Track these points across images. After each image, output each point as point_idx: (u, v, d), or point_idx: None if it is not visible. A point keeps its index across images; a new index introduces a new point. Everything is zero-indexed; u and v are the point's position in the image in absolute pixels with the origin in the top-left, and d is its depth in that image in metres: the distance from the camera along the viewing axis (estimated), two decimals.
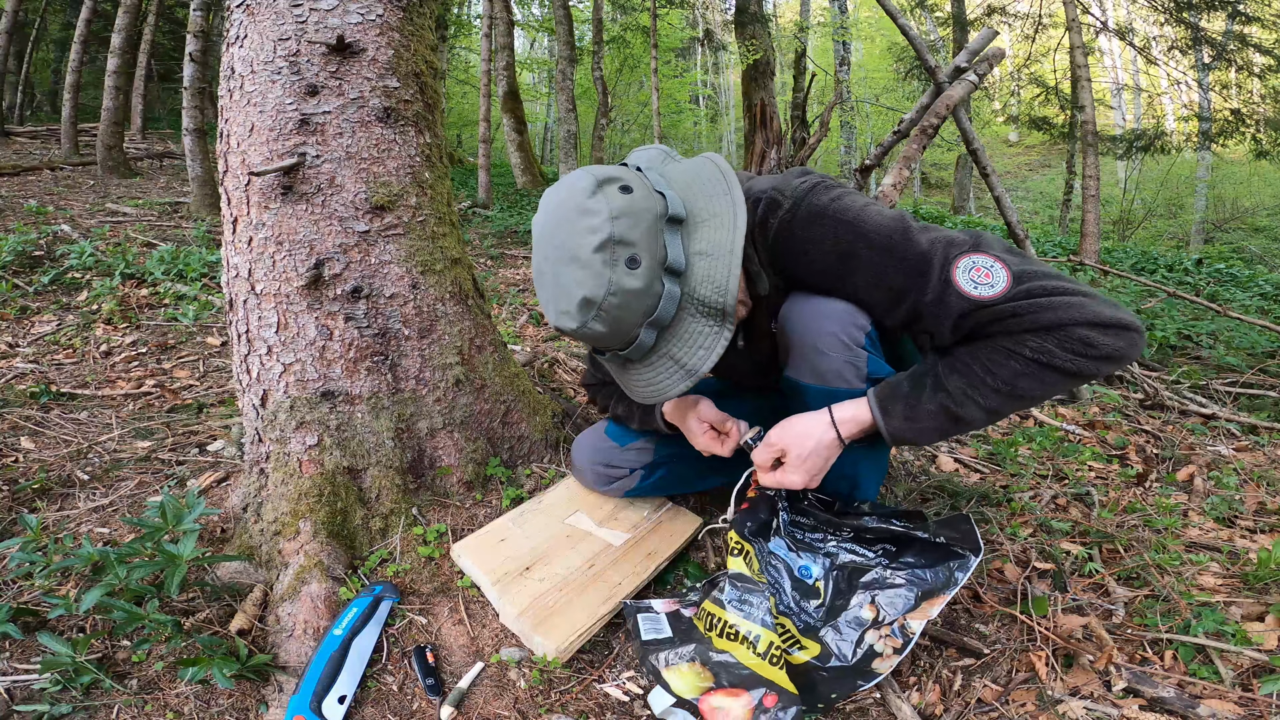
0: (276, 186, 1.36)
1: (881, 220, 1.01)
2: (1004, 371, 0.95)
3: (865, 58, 21.47)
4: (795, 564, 1.23)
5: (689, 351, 0.99)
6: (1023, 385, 0.95)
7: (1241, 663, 1.16)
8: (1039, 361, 0.93)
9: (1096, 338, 0.91)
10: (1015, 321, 0.93)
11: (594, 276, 0.92)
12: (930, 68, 2.54)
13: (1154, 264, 6.63)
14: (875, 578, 1.18)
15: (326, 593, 1.22)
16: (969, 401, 0.99)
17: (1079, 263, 5.69)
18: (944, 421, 1.01)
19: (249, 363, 1.43)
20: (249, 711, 1.06)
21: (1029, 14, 10.95)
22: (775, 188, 1.07)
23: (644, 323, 0.97)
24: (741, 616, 1.13)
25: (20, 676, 1.06)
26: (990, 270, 0.95)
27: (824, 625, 1.17)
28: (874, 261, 1.01)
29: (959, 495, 1.73)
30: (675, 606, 1.27)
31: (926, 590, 1.14)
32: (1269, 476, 1.94)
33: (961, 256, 0.96)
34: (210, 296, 3.24)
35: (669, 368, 1.00)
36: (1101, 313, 0.91)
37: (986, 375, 0.96)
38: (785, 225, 1.05)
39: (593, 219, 0.92)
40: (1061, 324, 0.91)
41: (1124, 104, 18.94)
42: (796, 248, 1.06)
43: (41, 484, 1.58)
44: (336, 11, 1.37)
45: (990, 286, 0.94)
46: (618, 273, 0.92)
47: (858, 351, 1.08)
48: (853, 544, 1.23)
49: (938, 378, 1.01)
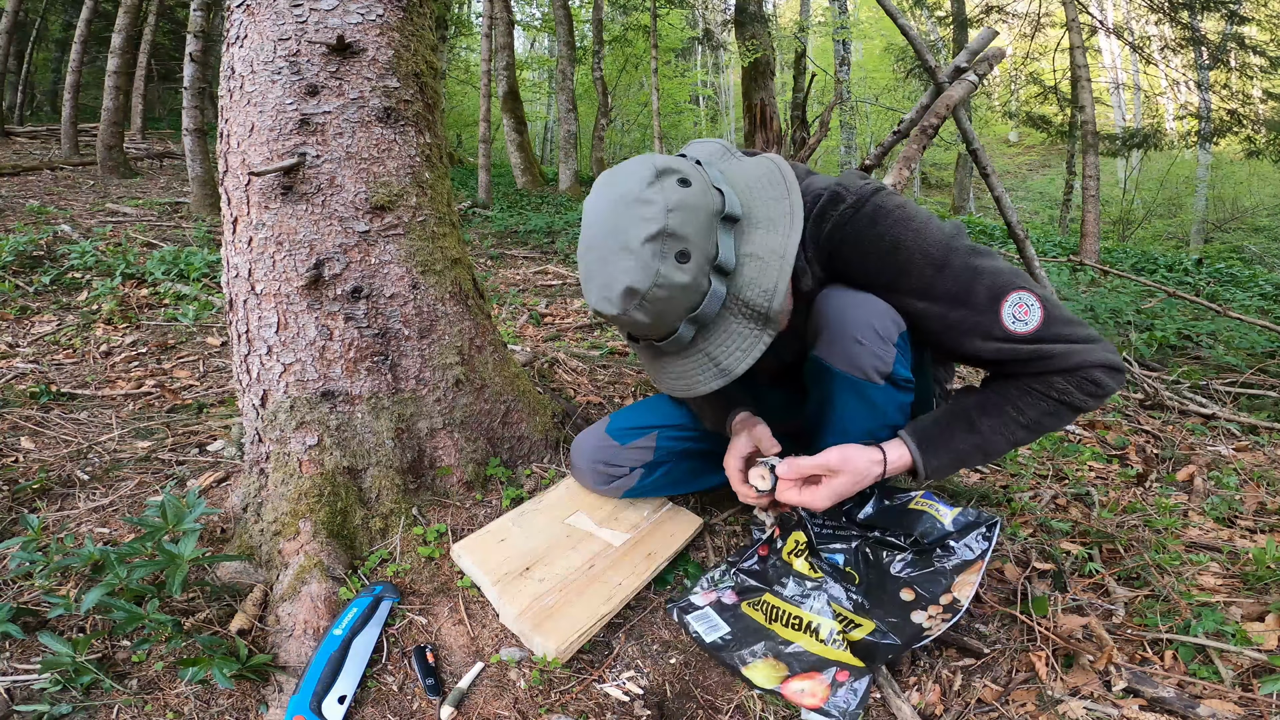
0: (276, 186, 1.36)
1: (941, 235, 1.05)
2: (1033, 412, 1.05)
3: (865, 58, 21.46)
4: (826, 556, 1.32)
5: (726, 351, 0.99)
6: (1047, 422, 1.06)
7: (1241, 663, 1.16)
8: (1062, 401, 1.03)
9: (1104, 379, 1.03)
10: (1045, 363, 1.03)
11: (641, 267, 0.91)
12: (930, 68, 2.54)
13: (1154, 264, 6.63)
14: (905, 561, 1.25)
15: (326, 593, 1.22)
16: (997, 437, 1.08)
17: (1079, 263, 5.69)
18: (973, 458, 1.11)
19: (249, 363, 1.43)
20: (249, 711, 1.06)
21: (1028, 13, 10.95)
22: (840, 184, 1.09)
23: (685, 317, 0.96)
24: (805, 609, 1.25)
25: (20, 676, 1.06)
26: (1030, 308, 1.03)
27: (869, 603, 1.23)
28: (926, 272, 1.04)
29: (959, 495, 1.73)
30: (715, 596, 1.33)
31: (957, 565, 1.20)
32: (1269, 476, 1.94)
33: (1012, 291, 1.03)
34: (210, 296, 3.24)
35: (703, 364, 1.00)
36: (1109, 358, 1.03)
37: (1018, 415, 1.06)
38: (846, 220, 1.07)
39: (648, 209, 0.92)
40: (1082, 366, 1.02)
41: (1123, 103, 18.94)
42: (851, 243, 1.07)
43: (41, 484, 1.58)
44: (336, 11, 1.36)
45: (1025, 323, 1.02)
46: (666, 265, 0.91)
47: (889, 348, 1.09)
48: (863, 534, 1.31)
49: (970, 421, 1.08)
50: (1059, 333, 1.03)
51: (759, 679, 1.16)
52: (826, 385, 1.15)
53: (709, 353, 1.00)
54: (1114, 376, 1.03)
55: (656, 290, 0.92)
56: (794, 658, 1.18)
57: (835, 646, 1.18)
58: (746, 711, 1.12)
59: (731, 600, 1.32)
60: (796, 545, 1.33)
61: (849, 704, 1.09)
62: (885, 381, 1.11)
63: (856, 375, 1.10)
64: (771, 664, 1.18)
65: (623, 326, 1.01)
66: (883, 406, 1.14)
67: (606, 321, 1.04)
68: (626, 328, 1.01)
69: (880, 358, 1.09)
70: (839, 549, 1.30)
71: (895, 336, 1.09)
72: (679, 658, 1.23)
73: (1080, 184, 7.00)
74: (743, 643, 1.22)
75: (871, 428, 1.17)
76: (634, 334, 1.04)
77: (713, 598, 1.33)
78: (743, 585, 1.35)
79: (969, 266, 1.03)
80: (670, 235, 0.91)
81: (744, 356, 0.98)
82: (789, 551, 1.33)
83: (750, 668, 1.18)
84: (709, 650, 1.23)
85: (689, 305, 0.95)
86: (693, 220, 0.93)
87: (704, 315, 0.96)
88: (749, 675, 1.17)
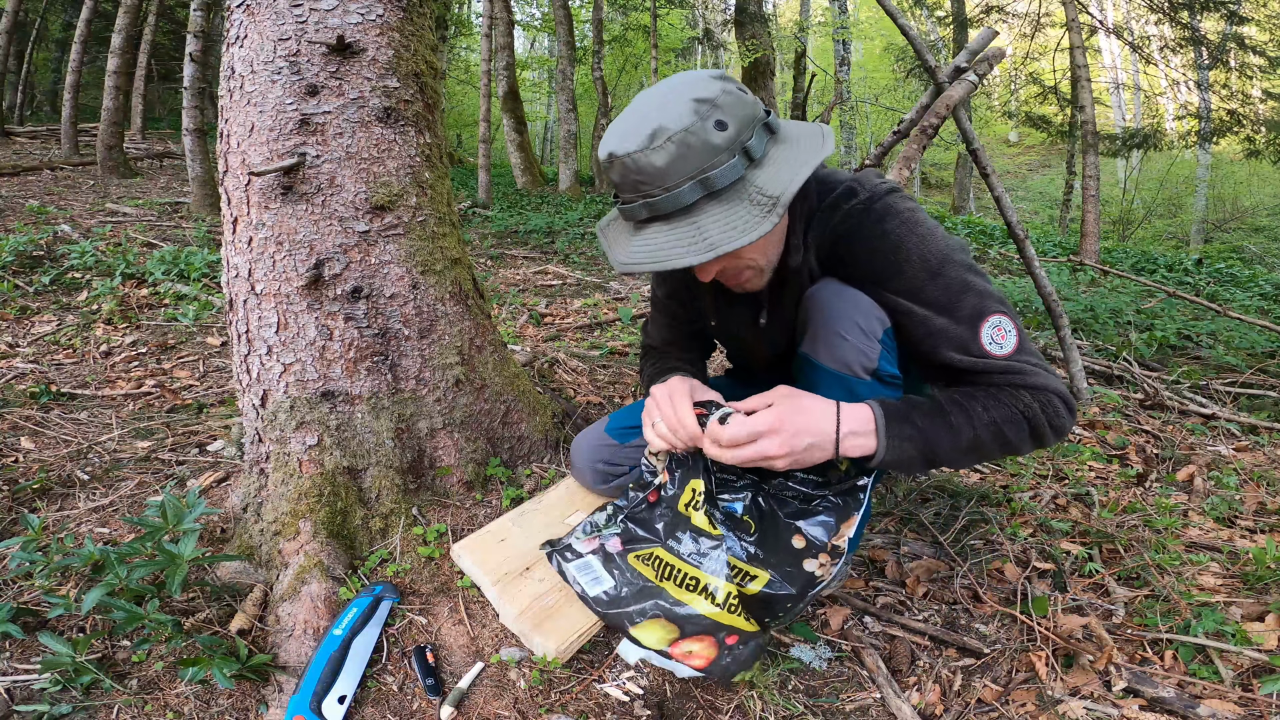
0: (276, 186, 1.36)
1: (943, 245, 1.06)
2: (997, 412, 1.04)
3: (865, 58, 21.46)
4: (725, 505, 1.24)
5: (720, 227, 0.95)
6: (1007, 431, 1.04)
7: (1241, 663, 1.16)
8: (1025, 416, 1.04)
9: (1063, 411, 1.05)
10: (1017, 377, 1.05)
11: (678, 116, 0.93)
12: (930, 68, 2.54)
13: (1154, 264, 6.63)
14: (795, 510, 1.19)
15: (326, 593, 1.22)
16: (959, 434, 1.04)
17: (1079, 263, 5.69)
18: (929, 450, 1.05)
19: (249, 363, 1.43)
20: (249, 711, 1.06)
21: (1028, 13, 10.95)
22: (857, 179, 1.13)
23: (696, 177, 0.95)
24: (703, 570, 1.17)
25: (20, 676, 1.06)
26: (1007, 334, 1.06)
27: (764, 553, 1.17)
28: (920, 276, 1.06)
29: (959, 495, 1.73)
30: (598, 543, 1.27)
31: (841, 514, 1.15)
32: (1269, 476, 1.94)
33: (993, 314, 1.05)
34: (210, 296, 3.24)
35: (689, 236, 0.96)
36: (1068, 394, 1.07)
37: (984, 412, 1.04)
38: (856, 212, 1.09)
39: (703, 86, 0.96)
40: (1049, 389, 1.05)
41: (1123, 103, 18.94)
42: (856, 235, 1.09)
43: (41, 484, 1.58)
44: (336, 11, 1.36)
45: (1001, 346, 1.05)
46: (702, 123, 0.94)
47: (873, 344, 1.10)
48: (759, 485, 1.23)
49: (939, 406, 1.06)
50: (1028, 361, 1.06)
51: (648, 640, 1.13)
52: (813, 381, 1.15)
53: (700, 225, 0.95)
54: (1069, 414, 1.06)
55: (686, 135, 0.93)
56: (687, 620, 1.14)
57: (731, 612, 1.14)
58: (746, 711, 1.12)
59: (616, 548, 1.25)
60: (694, 496, 1.22)
61: (730, 667, 1.09)
62: (871, 377, 1.11)
63: (842, 371, 1.11)
64: (663, 625, 1.14)
65: (627, 172, 0.96)
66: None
67: (614, 167, 0.98)
68: (632, 173, 0.96)
69: (865, 353, 1.10)
70: (738, 498, 1.23)
71: (880, 333, 1.10)
72: None
73: (1080, 184, 7.00)
74: (631, 600, 1.17)
75: None
76: (632, 186, 0.98)
77: (595, 544, 1.26)
78: (630, 534, 1.26)
79: (961, 280, 1.05)
80: (716, 105, 0.94)
81: (735, 235, 0.93)
82: (686, 504, 1.22)
83: (639, 628, 1.14)
84: (591, 605, 1.18)
85: (704, 165, 0.94)
86: (739, 108, 0.96)
87: (715, 180, 0.95)
88: (637, 635, 1.14)
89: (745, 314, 1.30)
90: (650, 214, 0.98)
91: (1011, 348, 1.05)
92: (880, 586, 1.43)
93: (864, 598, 1.40)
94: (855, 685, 1.19)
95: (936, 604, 1.37)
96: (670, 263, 0.95)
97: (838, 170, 1.19)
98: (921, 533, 1.60)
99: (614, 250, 1.04)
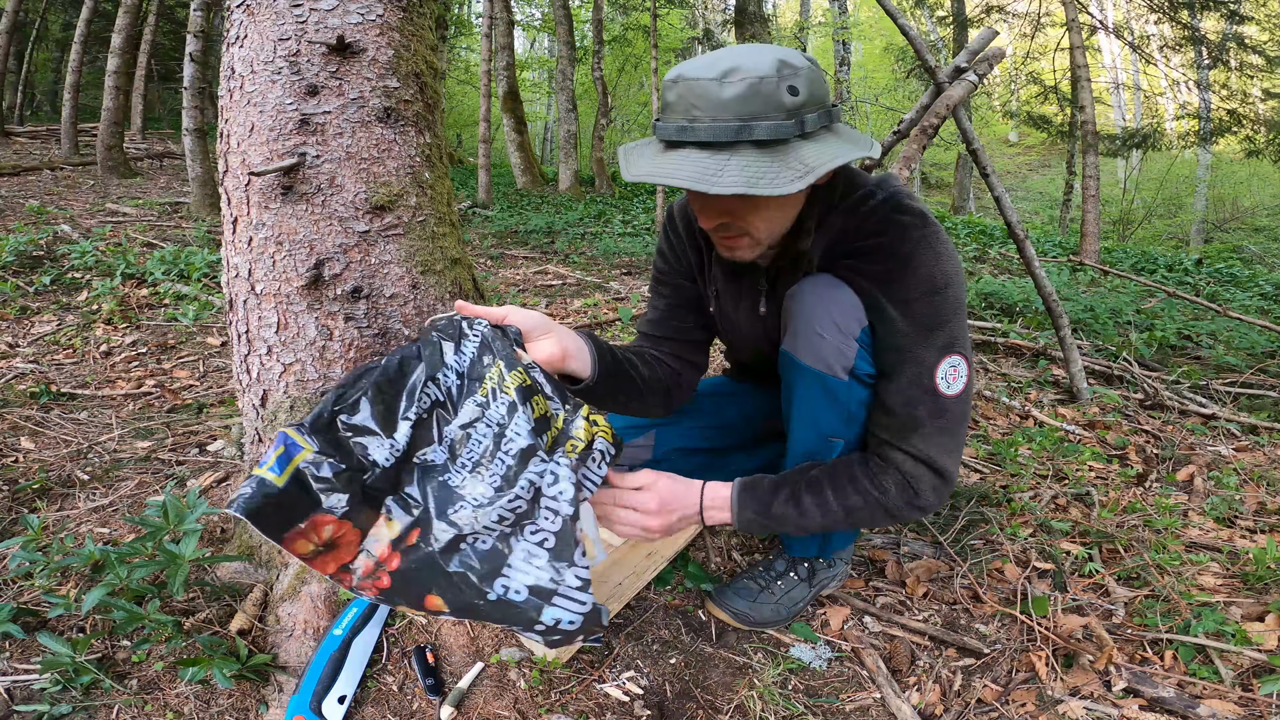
0: (276, 186, 1.36)
1: (951, 275, 1.08)
2: (854, 500, 1.09)
3: (865, 58, 21.46)
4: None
5: (748, 173, 0.96)
6: (858, 517, 1.10)
7: (1241, 663, 1.17)
8: (881, 504, 1.08)
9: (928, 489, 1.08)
10: (914, 435, 1.08)
11: (758, 64, 0.95)
12: (930, 68, 2.54)
13: (1154, 264, 6.62)
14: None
15: (326, 593, 1.22)
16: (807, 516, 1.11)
17: (1079, 263, 5.69)
18: (778, 526, 1.13)
19: (249, 363, 1.43)
20: (249, 711, 1.06)
21: (1028, 13, 10.95)
22: (886, 180, 1.17)
23: (747, 121, 0.96)
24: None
25: (20, 676, 1.06)
26: (960, 380, 1.09)
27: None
28: (918, 290, 1.07)
29: (959, 495, 1.73)
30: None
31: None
32: (1269, 476, 1.94)
33: (957, 352, 1.08)
34: (210, 296, 3.24)
35: (714, 167, 0.97)
36: (949, 469, 1.09)
37: (836, 502, 1.09)
38: (885, 213, 1.11)
39: (792, 55, 0.98)
40: (932, 464, 1.08)
41: (1123, 103, 18.94)
42: (876, 233, 1.10)
43: (41, 484, 1.58)
44: (336, 11, 1.36)
45: (948, 386, 1.08)
46: (779, 79, 0.96)
47: (850, 343, 1.10)
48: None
49: (796, 493, 1.12)
50: (945, 425, 1.08)
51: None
52: (793, 379, 1.16)
53: (731, 163, 0.96)
54: (937, 492, 1.09)
55: (760, 83, 0.95)
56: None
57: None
58: (746, 711, 1.12)
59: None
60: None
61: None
62: (849, 377, 1.12)
63: (821, 369, 1.12)
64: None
65: (685, 94, 0.98)
66: (844, 401, 1.14)
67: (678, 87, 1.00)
68: (690, 95, 0.98)
69: (842, 352, 1.10)
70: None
71: (858, 332, 1.10)
72: (679, 658, 1.23)
73: (1080, 184, 7.00)
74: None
75: (833, 420, 1.17)
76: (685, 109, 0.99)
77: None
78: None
79: (951, 312, 1.08)
80: (798, 73, 0.97)
81: (760, 184, 0.95)
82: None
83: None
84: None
85: (758, 114, 0.96)
86: (815, 86, 0.99)
87: (764, 131, 0.96)
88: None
89: (746, 303, 1.30)
90: (688, 137, 0.99)
91: (955, 391, 1.08)
92: (880, 586, 1.43)
93: (864, 598, 1.40)
94: (855, 685, 1.19)
95: (936, 604, 1.37)
96: (685, 182, 0.96)
97: (865, 172, 1.21)
98: (921, 533, 1.60)
99: (631, 165, 1.04)
